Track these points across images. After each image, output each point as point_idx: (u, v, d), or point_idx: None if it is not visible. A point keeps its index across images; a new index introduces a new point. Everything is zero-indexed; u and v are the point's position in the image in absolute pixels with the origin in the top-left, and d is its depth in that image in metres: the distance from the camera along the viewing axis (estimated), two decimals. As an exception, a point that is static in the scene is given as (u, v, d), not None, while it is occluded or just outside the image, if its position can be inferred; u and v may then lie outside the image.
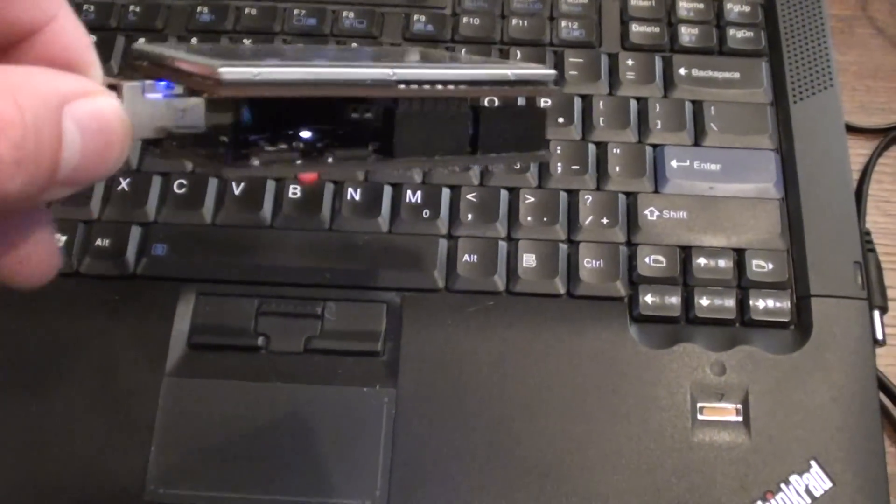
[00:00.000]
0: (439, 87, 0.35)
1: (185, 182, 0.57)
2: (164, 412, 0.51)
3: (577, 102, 0.61)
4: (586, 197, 0.57)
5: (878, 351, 0.54)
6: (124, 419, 0.51)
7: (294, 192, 0.57)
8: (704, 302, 0.55)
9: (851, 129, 0.66)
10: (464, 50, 0.63)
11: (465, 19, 0.64)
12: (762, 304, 0.55)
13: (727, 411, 0.52)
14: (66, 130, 0.28)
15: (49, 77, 0.29)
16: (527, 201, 0.57)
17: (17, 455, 0.51)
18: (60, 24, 0.33)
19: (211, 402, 0.52)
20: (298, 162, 0.34)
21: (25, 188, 0.27)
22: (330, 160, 0.35)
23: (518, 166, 0.57)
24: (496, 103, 0.37)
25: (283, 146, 0.34)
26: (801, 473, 0.50)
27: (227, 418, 0.51)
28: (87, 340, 0.53)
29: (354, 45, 0.63)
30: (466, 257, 0.55)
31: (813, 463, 0.50)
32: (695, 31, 0.64)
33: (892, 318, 0.58)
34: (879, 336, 0.55)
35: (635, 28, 0.64)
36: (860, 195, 0.65)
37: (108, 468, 0.50)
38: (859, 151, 0.67)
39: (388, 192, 0.57)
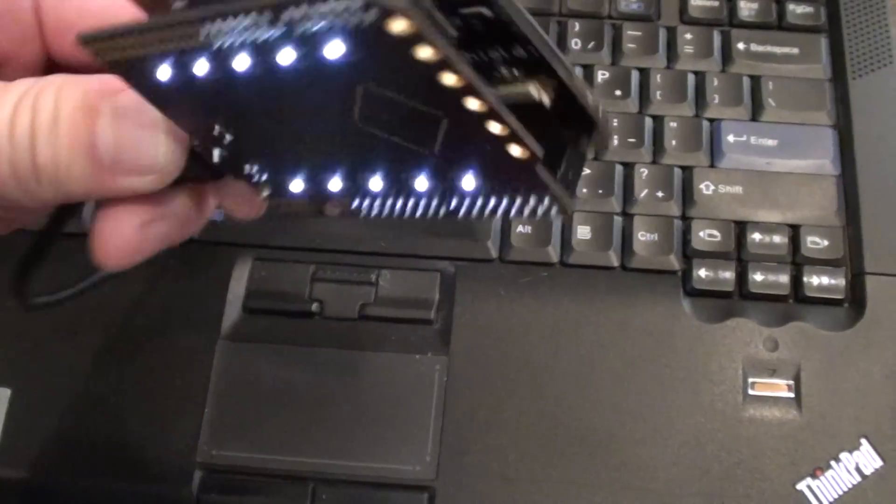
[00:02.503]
0: None
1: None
2: (219, 375, 0.52)
3: (635, 75, 0.61)
4: (642, 170, 0.57)
5: (933, 331, 0.54)
6: (179, 381, 0.52)
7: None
8: (758, 277, 0.54)
9: (910, 107, 0.66)
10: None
11: (523, -10, 0.64)
12: (816, 280, 0.54)
13: (779, 387, 0.52)
14: (101, 111, 0.31)
15: (101, 80, 0.31)
16: (583, 173, 0.57)
17: (75, 415, 0.52)
18: None
19: (264, 366, 0.52)
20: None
21: (69, 168, 0.31)
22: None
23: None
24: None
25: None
26: (851, 451, 0.50)
27: (280, 383, 0.52)
28: (144, 304, 0.54)
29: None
30: (520, 228, 0.55)
31: (864, 441, 0.50)
32: (754, 5, 0.64)
33: (947, 298, 0.57)
34: (934, 315, 0.54)
35: (694, 2, 0.64)
36: (918, 174, 0.64)
37: (162, 429, 0.51)
38: (918, 129, 0.66)
39: (443, 161, 0.57)
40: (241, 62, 0.28)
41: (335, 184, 0.33)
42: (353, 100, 0.29)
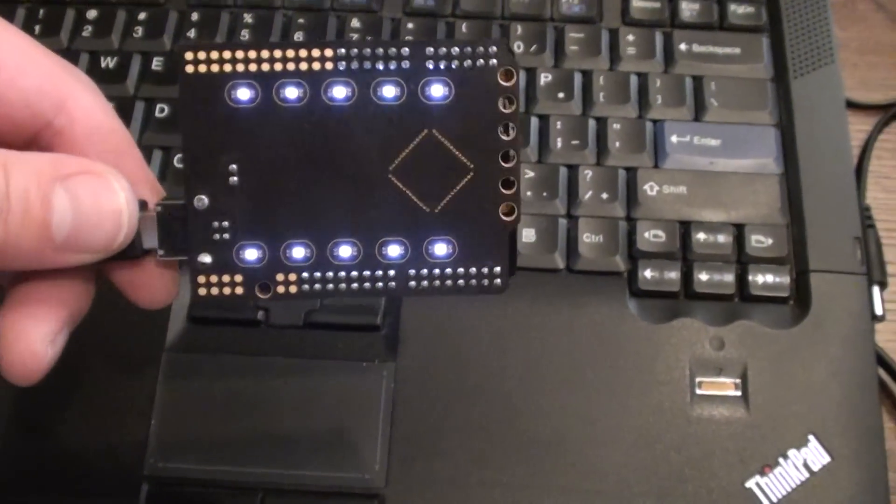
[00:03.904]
0: None
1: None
2: (164, 386, 0.52)
3: (578, 78, 0.61)
4: (586, 172, 0.57)
5: (878, 326, 0.54)
6: (125, 394, 0.52)
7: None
8: (704, 277, 0.55)
9: (852, 105, 0.66)
10: (464, 25, 0.63)
11: (466, -6, 0.64)
12: (761, 279, 0.55)
13: (726, 386, 0.52)
14: (56, 199, 0.31)
15: (52, 158, 0.33)
16: (526, 176, 0.57)
17: (16, 430, 0.51)
18: (137, 192, 0.35)
19: (210, 376, 0.52)
20: None
21: (17, 244, 0.31)
22: None
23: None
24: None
25: None
26: (799, 448, 0.50)
27: (227, 392, 0.51)
28: (88, 315, 0.53)
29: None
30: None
31: (811, 437, 0.51)
32: (695, 6, 0.64)
33: (892, 294, 0.58)
34: (879, 311, 0.55)
35: (636, 3, 0.64)
36: (860, 171, 0.65)
37: (108, 442, 0.51)
38: (859, 127, 0.67)
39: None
40: (339, 92, 0.33)
41: (299, 251, 0.36)
42: (404, 145, 0.34)
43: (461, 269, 0.37)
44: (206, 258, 0.36)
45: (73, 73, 0.37)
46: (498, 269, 0.37)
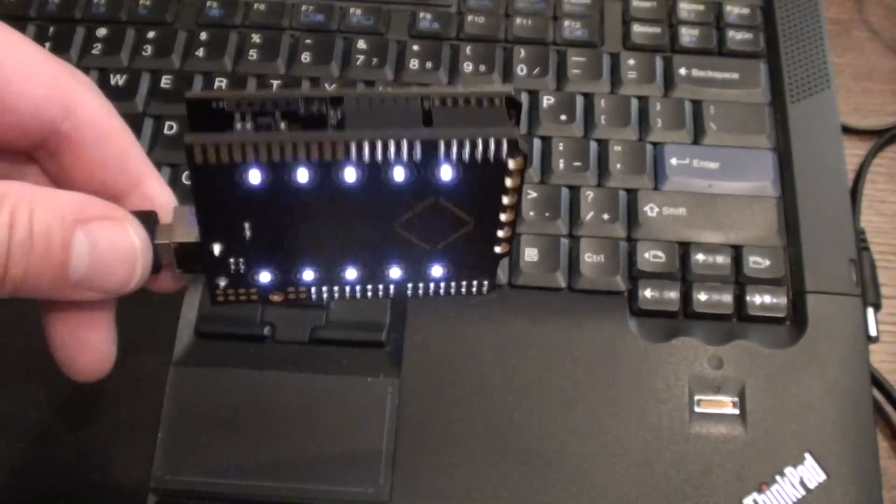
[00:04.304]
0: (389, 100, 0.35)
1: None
2: (171, 400, 0.52)
3: (580, 100, 0.62)
4: (587, 193, 0.58)
5: (872, 347, 0.55)
6: (132, 407, 0.52)
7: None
8: (702, 297, 0.55)
9: (847, 130, 0.67)
10: (468, 48, 0.64)
11: (469, 17, 0.65)
12: (759, 299, 0.56)
13: (724, 404, 0.53)
14: (75, 242, 0.33)
15: (75, 199, 0.34)
16: (529, 196, 0.58)
17: (26, 442, 0.51)
18: (150, 185, 0.38)
19: (217, 390, 0.52)
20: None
21: (36, 281, 0.33)
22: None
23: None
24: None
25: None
26: (795, 465, 0.51)
27: (233, 407, 0.52)
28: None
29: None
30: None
31: (807, 455, 0.51)
32: (695, 32, 0.65)
33: (886, 316, 0.59)
34: (873, 333, 0.55)
35: (637, 28, 0.65)
36: (855, 194, 0.66)
37: (115, 455, 0.51)
38: (854, 152, 0.68)
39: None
40: (349, 175, 0.33)
41: (309, 274, 0.37)
42: (410, 208, 0.35)
43: (454, 284, 0.39)
44: (223, 281, 0.37)
45: (76, 77, 0.38)
46: (486, 283, 0.39)
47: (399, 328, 0.54)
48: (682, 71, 0.63)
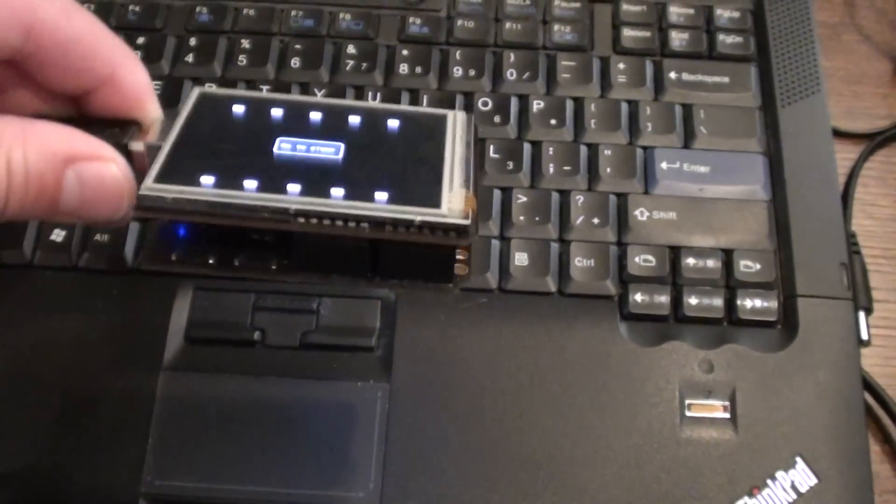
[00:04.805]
0: (339, 223, 0.35)
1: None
2: (161, 405, 0.52)
3: (569, 105, 0.62)
4: (578, 197, 0.58)
5: (863, 351, 0.55)
6: (122, 412, 0.52)
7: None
8: (693, 301, 0.55)
9: (838, 134, 0.67)
10: (458, 52, 0.64)
11: (459, 22, 0.65)
12: (749, 303, 0.55)
13: (715, 408, 0.53)
14: (66, 181, 0.35)
15: (63, 136, 0.36)
16: (519, 201, 0.58)
17: (15, 448, 0.51)
18: (121, 75, 0.39)
19: (207, 395, 0.52)
20: (211, 261, 0.39)
21: (30, 213, 0.35)
22: (237, 263, 0.39)
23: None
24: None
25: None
26: (786, 469, 0.51)
27: (223, 412, 0.52)
28: (86, 334, 0.54)
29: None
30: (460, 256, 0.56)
31: (798, 459, 0.51)
32: (685, 35, 0.65)
33: (877, 320, 0.59)
34: (864, 336, 0.55)
35: (627, 32, 0.65)
36: (846, 198, 0.66)
37: (105, 460, 0.51)
38: (845, 156, 0.68)
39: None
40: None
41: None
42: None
43: None
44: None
45: None
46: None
47: (389, 333, 0.54)
48: (673, 75, 0.63)
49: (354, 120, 0.40)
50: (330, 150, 0.38)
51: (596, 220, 0.57)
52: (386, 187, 0.36)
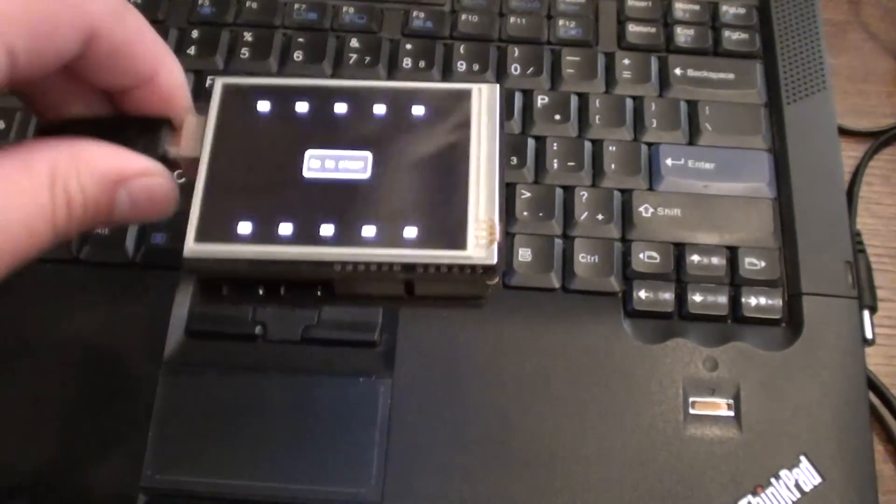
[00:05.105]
0: (374, 268, 0.38)
1: (184, 172, 0.57)
2: (162, 399, 0.52)
3: (574, 100, 0.61)
4: (582, 193, 0.58)
5: (868, 350, 0.55)
6: (122, 406, 0.52)
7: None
8: (697, 298, 0.55)
9: (843, 132, 0.67)
10: (462, 47, 0.63)
11: (463, 16, 0.65)
12: (754, 301, 0.55)
13: (719, 406, 0.52)
14: (118, 198, 0.37)
15: (114, 159, 0.37)
16: (523, 196, 0.57)
17: (15, 441, 0.51)
18: (162, 76, 0.39)
19: (208, 390, 0.52)
20: (260, 292, 0.40)
21: (83, 228, 0.36)
22: (282, 293, 0.40)
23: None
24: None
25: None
26: (790, 468, 0.51)
27: (224, 406, 0.52)
28: (86, 327, 0.54)
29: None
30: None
31: (803, 458, 0.51)
32: (690, 31, 0.65)
33: (882, 318, 0.59)
34: (869, 335, 0.55)
35: (632, 28, 0.65)
36: (851, 196, 0.65)
37: (105, 454, 0.51)
38: (850, 154, 0.67)
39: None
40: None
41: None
42: None
43: None
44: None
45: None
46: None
47: (392, 328, 0.54)
48: (678, 71, 0.63)
49: (380, 110, 0.41)
50: (358, 166, 0.39)
51: (600, 217, 0.57)
52: (414, 219, 0.38)
